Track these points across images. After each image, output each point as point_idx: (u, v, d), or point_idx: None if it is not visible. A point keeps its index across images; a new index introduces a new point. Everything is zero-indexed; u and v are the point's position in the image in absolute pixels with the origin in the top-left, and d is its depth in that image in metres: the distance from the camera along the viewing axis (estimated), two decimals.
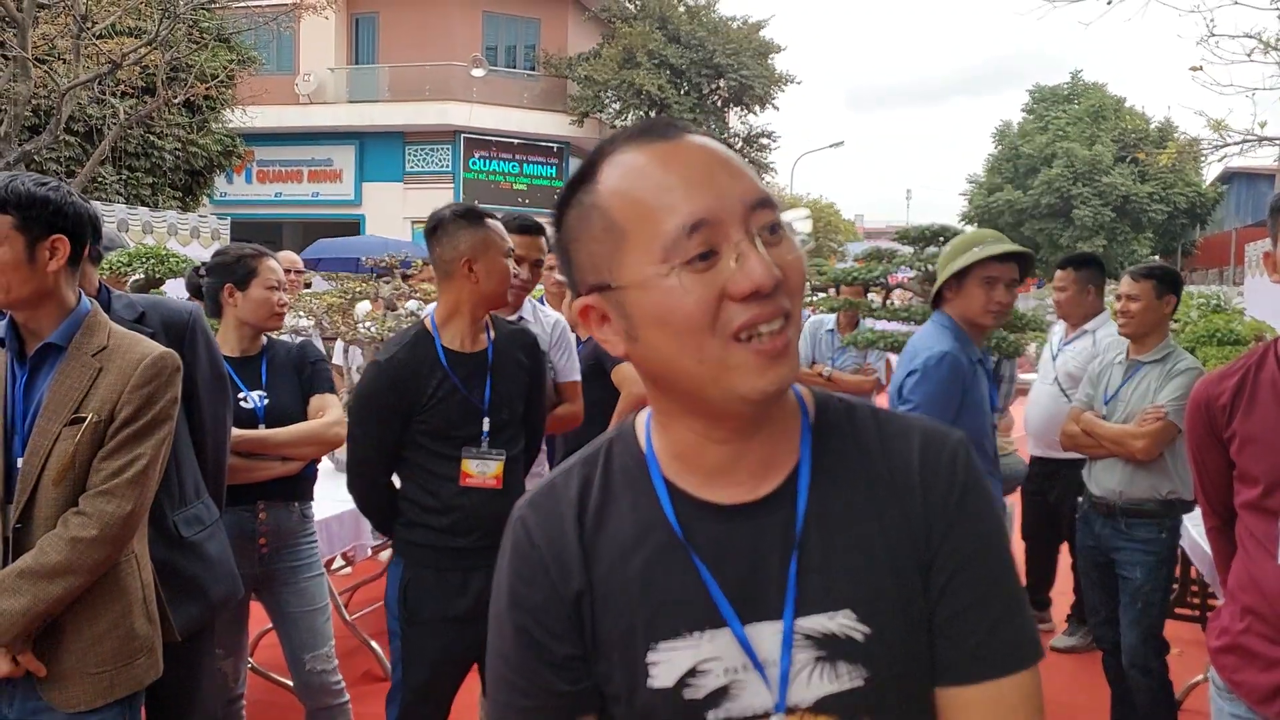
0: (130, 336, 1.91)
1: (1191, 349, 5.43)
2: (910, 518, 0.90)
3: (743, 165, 0.87)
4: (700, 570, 0.89)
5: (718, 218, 0.82)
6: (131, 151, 14.39)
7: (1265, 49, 7.05)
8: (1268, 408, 1.86)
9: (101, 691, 1.81)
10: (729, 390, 0.83)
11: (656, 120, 0.90)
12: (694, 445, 0.91)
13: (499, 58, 24.98)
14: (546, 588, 0.93)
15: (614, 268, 0.86)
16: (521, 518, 0.97)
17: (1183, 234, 31.79)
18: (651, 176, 0.85)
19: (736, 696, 0.88)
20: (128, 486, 1.80)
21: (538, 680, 0.93)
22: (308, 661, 2.87)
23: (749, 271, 0.81)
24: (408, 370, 2.42)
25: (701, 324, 0.82)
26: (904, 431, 0.94)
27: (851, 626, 0.88)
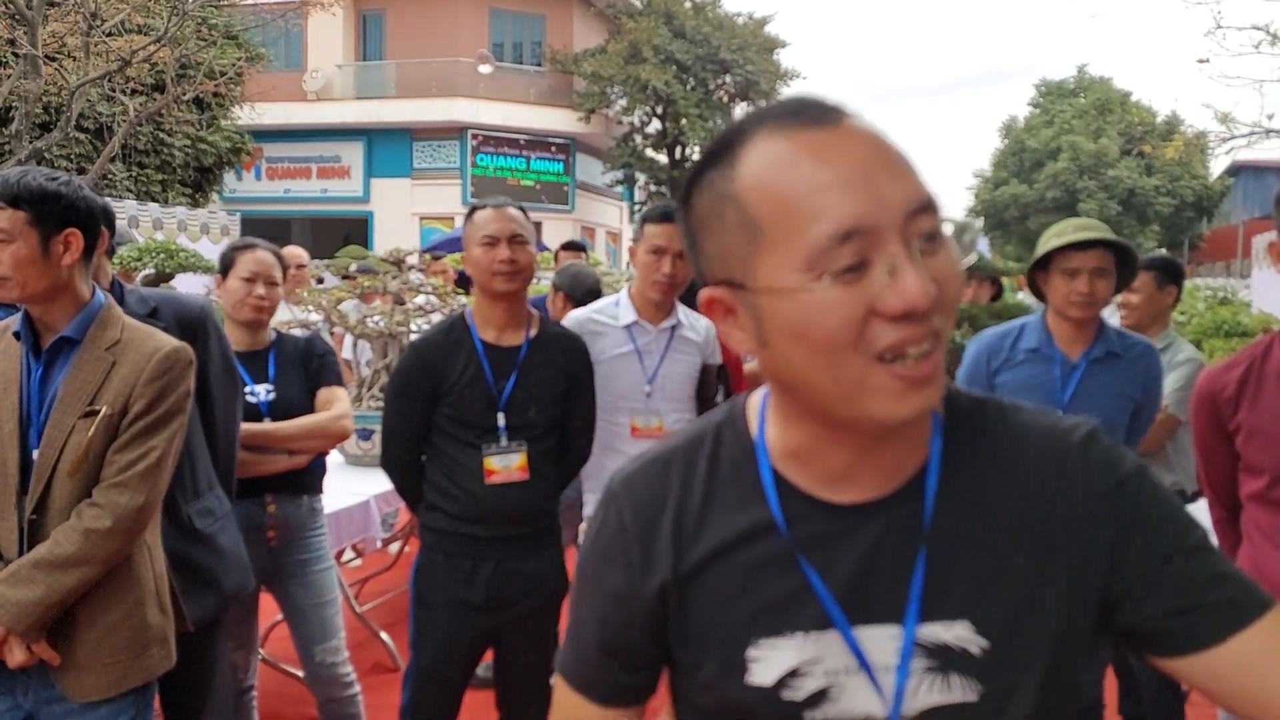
0: (143, 330, 1.93)
1: (1198, 342, 5.43)
2: (1053, 527, 0.83)
3: (905, 160, 0.77)
4: (807, 572, 0.84)
5: (873, 225, 0.73)
6: (141, 149, 14.46)
7: (1273, 41, 7.02)
8: (1273, 399, 1.86)
9: (115, 681, 1.83)
10: (863, 412, 0.76)
11: (810, 101, 0.79)
12: (813, 447, 0.85)
13: (505, 54, 24.99)
14: (628, 576, 0.90)
15: (748, 267, 0.78)
16: (615, 497, 0.93)
17: (1189, 227, 31.66)
18: (800, 172, 0.75)
19: (837, 699, 0.84)
20: (140, 479, 1.81)
21: (598, 656, 0.94)
22: (317, 654, 2.89)
23: (903, 289, 0.72)
24: (438, 352, 2.47)
25: (843, 343, 0.74)
26: (1036, 428, 0.87)
27: (968, 639, 0.82)
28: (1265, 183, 27.20)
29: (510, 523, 2.47)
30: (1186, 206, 30.55)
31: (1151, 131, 24.13)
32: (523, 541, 2.51)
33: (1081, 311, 2.52)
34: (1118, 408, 2.59)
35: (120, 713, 1.85)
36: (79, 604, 1.81)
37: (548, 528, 2.58)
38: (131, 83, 12.15)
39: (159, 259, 5.09)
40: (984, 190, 33.91)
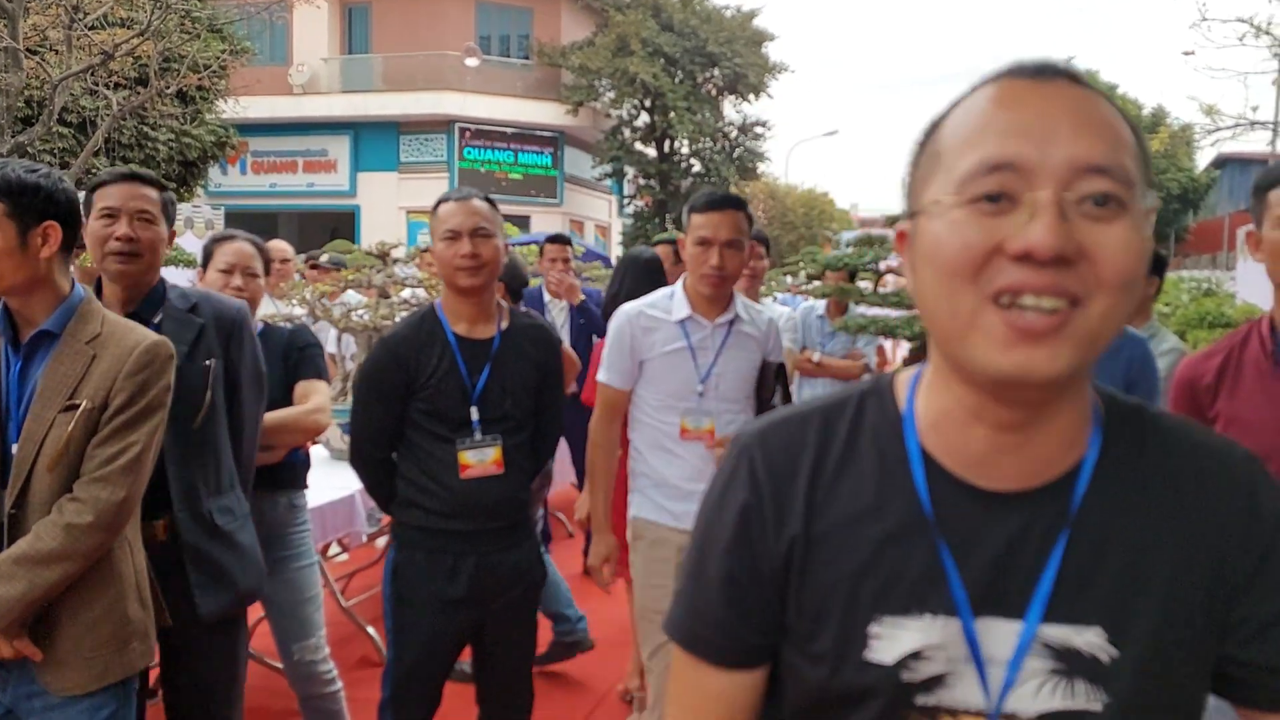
0: (124, 324, 1.91)
1: (1182, 333, 5.46)
2: (1203, 545, 0.82)
3: (1105, 127, 0.75)
4: (943, 553, 0.82)
5: (1027, 165, 0.73)
6: (125, 143, 14.35)
7: (1257, 33, 7.05)
8: (1252, 387, 1.87)
9: (96, 676, 1.82)
10: (969, 357, 0.75)
11: (1042, 60, 0.80)
12: (960, 421, 0.82)
13: (492, 47, 24.91)
14: (758, 530, 0.88)
15: (922, 190, 0.81)
16: (748, 448, 0.91)
17: (1175, 220, 31.79)
18: (988, 109, 0.77)
19: (951, 686, 0.82)
20: (121, 473, 1.80)
21: (720, 615, 0.91)
22: (296, 651, 2.87)
23: (1031, 229, 0.71)
24: (410, 347, 2.43)
25: (963, 270, 0.74)
26: (1203, 445, 0.85)
27: (1099, 646, 0.80)
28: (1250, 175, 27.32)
29: (488, 516, 2.46)
30: (1172, 199, 30.69)
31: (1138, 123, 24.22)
32: (502, 534, 2.50)
33: None
34: None
35: (101, 707, 1.84)
36: (60, 599, 1.80)
37: (523, 519, 2.58)
38: (114, 76, 12.05)
39: None
40: None
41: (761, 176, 29.98)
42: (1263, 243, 1.83)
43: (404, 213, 23.51)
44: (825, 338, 4.81)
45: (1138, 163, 0.76)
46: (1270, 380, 1.85)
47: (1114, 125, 0.76)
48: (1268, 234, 1.81)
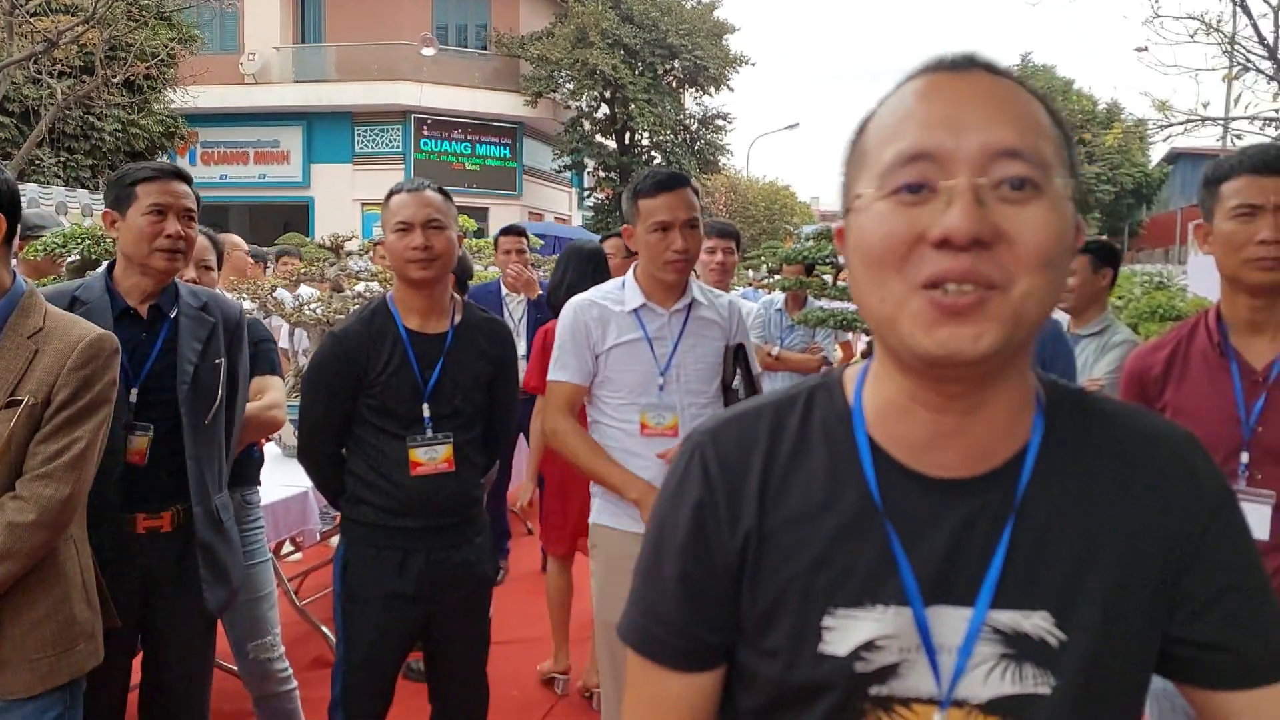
0: (67, 318, 1.86)
1: (1134, 325, 5.55)
2: (1149, 526, 0.83)
3: (1018, 114, 0.78)
4: (893, 542, 0.83)
5: (942, 154, 0.75)
6: (70, 133, 14.02)
7: (1208, 30, 7.19)
8: (1198, 378, 1.89)
9: (41, 678, 1.78)
10: (899, 340, 0.78)
11: (962, 53, 0.82)
12: (903, 408, 0.84)
13: (450, 37, 24.67)
14: (712, 527, 0.89)
15: (851, 188, 0.83)
16: (700, 446, 0.92)
17: (1130, 214, 32.41)
18: (905, 104, 0.80)
19: (904, 676, 0.83)
20: (65, 470, 1.76)
21: (675, 617, 0.90)
22: (250, 650, 2.83)
23: (948, 216, 0.74)
24: (360, 341, 2.39)
25: (889, 259, 0.76)
26: (1137, 430, 0.87)
27: (1047, 630, 0.81)
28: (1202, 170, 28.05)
29: (439, 513, 2.44)
30: (1126, 194, 31.28)
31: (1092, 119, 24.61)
32: (452, 531, 2.47)
33: None
34: None
35: (47, 709, 1.80)
36: (3, 599, 1.76)
37: (475, 515, 2.55)
38: (58, 64, 11.77)
39: (85, 245, 4.90)
40: None
41: (723, 170, 30.04)
42: (1213, 235, 1.85)
43: (359, 205, 23.23)
44: (784, 331, 4.81)
45: (1055, 146, 0.79)
46: (1217, 371, 1.87)
47: (1028, 111, 0.79)
48: (1219, 226, 1.82)
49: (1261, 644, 0.83)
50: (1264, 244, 1.75)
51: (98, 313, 2.15)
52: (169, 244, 2.23)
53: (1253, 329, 1.85)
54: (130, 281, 2.26)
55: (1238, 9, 7.20)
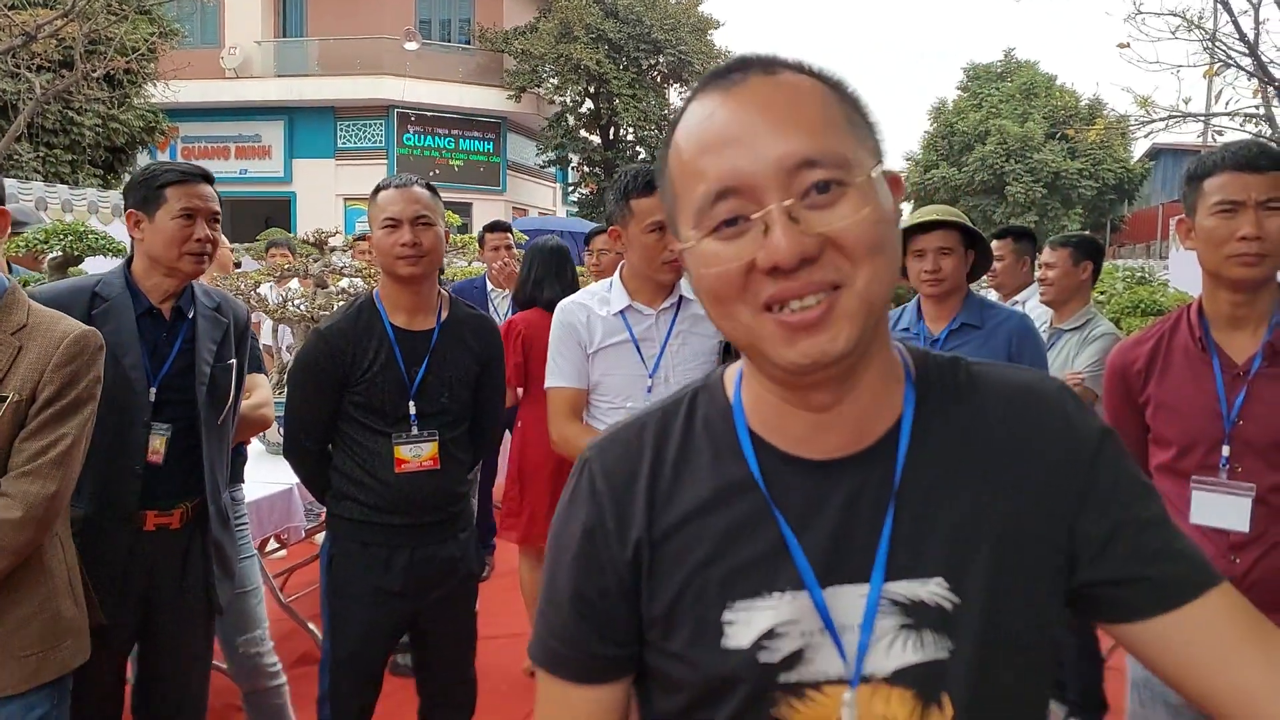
0: (51, 314, 1.85)
1: (1116, 320, 5.59)
2: (1031, 479, 0.85)
3: (803, 115, 0.78)
4: (783, 529, 0.84)
5: (747, 183, 0.76)
6: (49, 128, 13.87)
7: (1189, 26, 7.23)
8: (1180, 373, 1.92)
9: (28, 675, 1.78)
10: (767, 359, 0.79)
11: (737, 59, 0.82)
12: (776, 407, 0.86)
13: (433, 31, 24.56)
14: (602, 541, 0.89)
15: (675, 228, 0.85)
16: (588, 461, 0.93)
17: (1112, 210, 32.53)
18: (696, 134, 0.80)
19: (811, 660, 0.83)
20: (51, 467, 1.75)
21: (575, 633, 0.91)
22: (240, 645, 2.83)
23: (770, 247, 0.75)
24: (347, 338, 2.39)
25: (728, 292, 0.78)
26: (1012, 384, 0.89)
27: (942, 595, 0.82)
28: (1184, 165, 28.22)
29: (425, 510, 2.45)
30: (1109, 189, 31.38)
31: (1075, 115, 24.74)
32: (438, 527, 2.48)
33: (932, 289, 2.75)
34: None
35: (34, 707, 1.80)
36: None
37: (461, 511, 2.55)
38: (38, 59, 11.63)
39: (67, 241, 4.87)
40: (915, 173, 34.34)
41: None
42: (1196, 230, 1.87)
43: (341, 200, 23.12)
44: None
45: (850, 133, 0.79)
46: (1198, 365, 1.89)
47: (813, 108, 0.79)
48: (1201, 222, 1.85)
49: (1169, 567, 0.84)
50: (1244, 240, 1.78)
51: (119, 310, 2.17)
52: (198, 248, 2.26)
53: (1234, 324, 1.88)
54: (153, 281, 2.27)
55: (1218, 6, 7.25)
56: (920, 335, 2.83)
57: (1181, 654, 0.83)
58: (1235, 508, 1.82)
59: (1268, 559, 1.80)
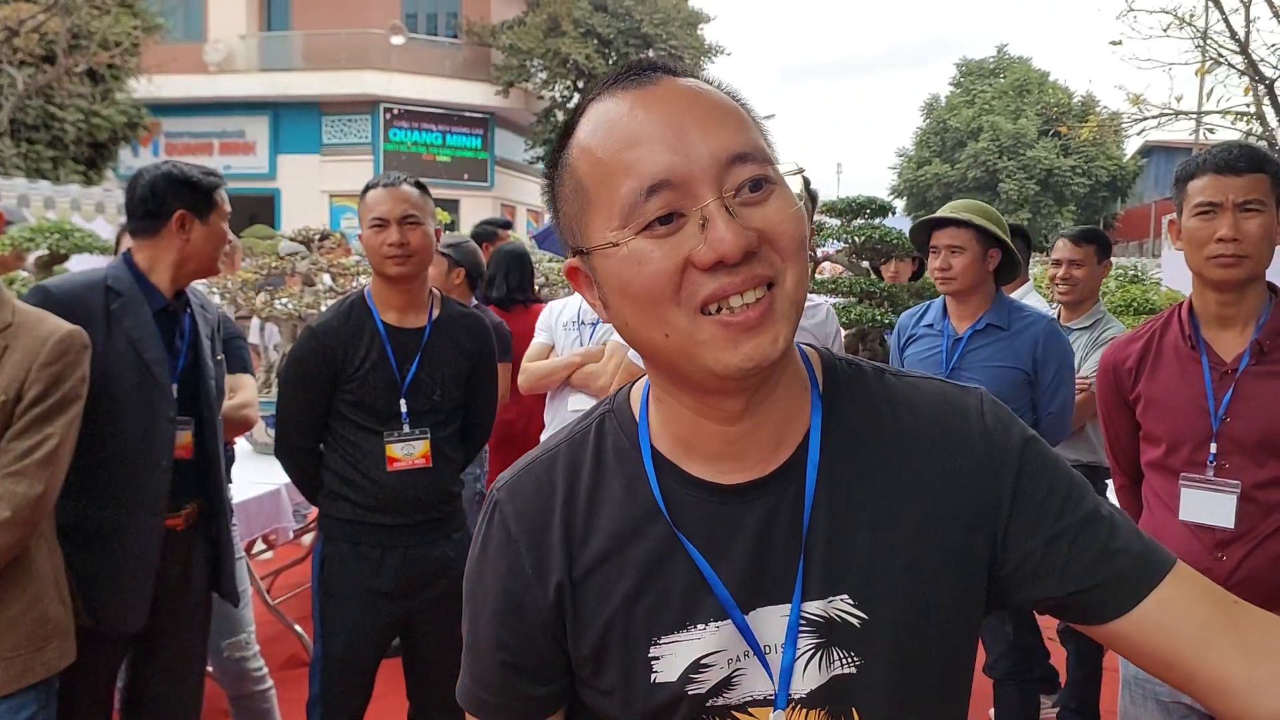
0: (36, 313, 1.85)
1: None
2: (950, 490, 0.83)
3: (727, 113, 0.78)
4: (698, 561, 0.83)
5: (682, 178, 0.74)
6: (30, 123, 13.77)
7: (1180, 24, 7.26)
8: (1171, 370, 1.94)
9: (14, 676, 1.78)
10: (701, 367, 0.76)
11: (641, 61, 0.82)
12: (692, 426, 0.84)
13: (419, 25, 24.47)
14: (521, 587, 0.87)
15: (583, 231, 0.80)
16: (498, 504, 0.90)
17: (1104, 207, 32.73)
18: (615, 131, 0.77)
19: (737, 684, 0.83)
20: (38, 467, 1.74)
21: (500, 680, 0.89)
22: (226, 649, 2.80)
23: (714, 240, 0.73)
24: (338, 336, 2.39)
25: (662, 295, 0.75)
26: (925, 393, 0.87)
27: (848, 611, 0.82)
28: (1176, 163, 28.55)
29: (416, 509, 2.44)
30: (1101, 186, 31.58)
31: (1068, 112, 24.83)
32: (430, 526, 2.47)
33: (942, 286, 2.74)
34: (999, 379, 2.70)
35: (21, 708, 1.80)
36: None
37: (453, 511, 2.55)
38: (19, 54, 11.54)
39: (53, 239, 4.81)
40: (907, 170, 34.50)
41: None
42: (1182, 231, 1.90)
43: (326, 196, 23.01)
44: None
45: (762, 133, 0.80)
46: (1188, 363, 1.92)
47: (732, 108, 0.79)
48: (1185, 223, 1.88)
49: (1114, 567, 0.82)
50: (1221, 241, 1.81)
51: (134, 306, 2.16)
52: (229, 249, 2.39)
53: (1222, 322, 1.91)
54: (168, 278, 2.25)
55: (1209, 4, 7.28)
56: (944, 333, 2.81)
57: (1149, 646, 0.82)
58: (1221, 504, 1.85)
59: (1253, 556, 1.82)
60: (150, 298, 2.20)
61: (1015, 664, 2.85)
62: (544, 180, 0.87)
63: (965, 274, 2.70)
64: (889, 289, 4.93)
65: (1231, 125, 7.62)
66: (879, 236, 4.96)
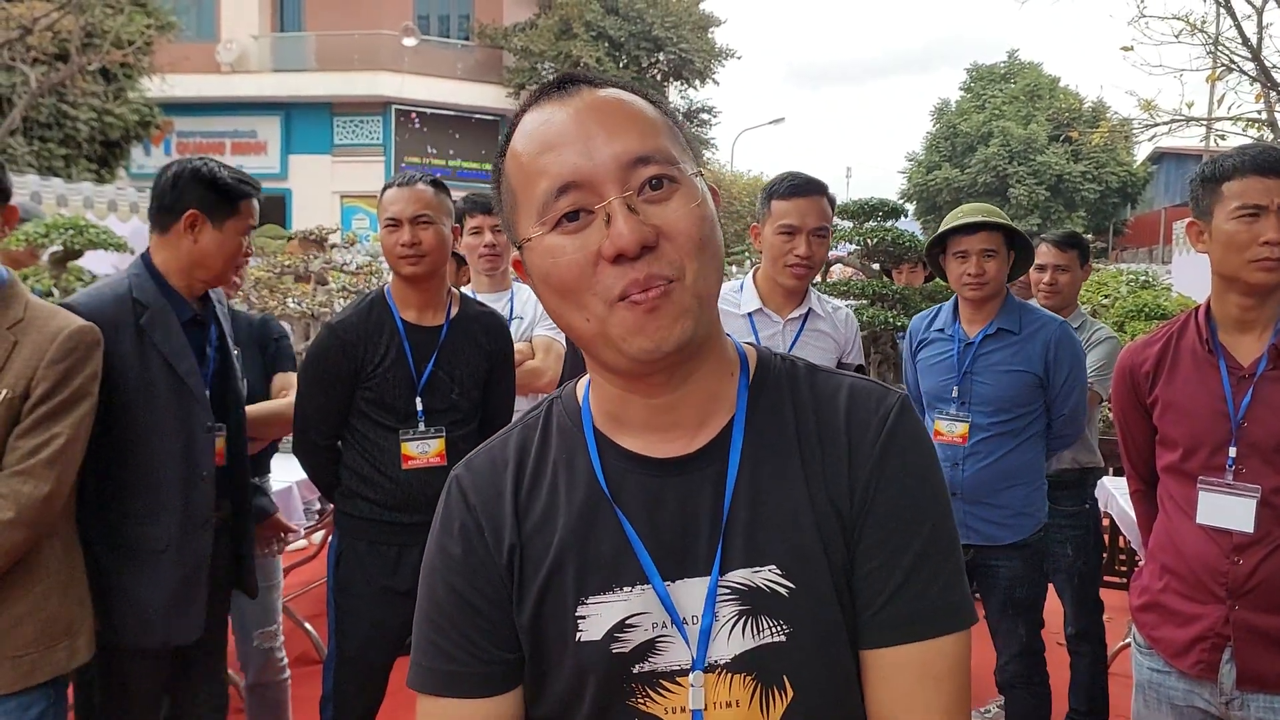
0: (47, 309, 1.84)
1: (1120, 324, 5.58)
2: (835, 475, 0.89)
3: (634, 120, 0.86)
4: (625, 526, 0.89)
5: (588, 178, 0.83)
6: (43, 121, 13.81)
7: (1192, 30, 7.22)
8: (1188, 374, 1.94)
9: (23, 675, 1.77)
10: (615, 349, 0.84)
11: (562, 75, 0.90)
12: (621, 400, 0.92)
13: (431, 27, 24.51)
14: (481, 548, 0.93)
15: (515, 227, 0.89)
16: (456, 477, 0.98)
17: (1114, 213, 32.61)
18: (534, 138, 0.86)
19: (662, 651, 0.88)
20: (45, 466, 1.73)
21: (467, 644, 0.92)
22: (257, 637, 2.85)
23: (614, 234, 0.81)
24: (358, 333, 2.40)
25: (577, 284, 0.83)
26: (836, 388, 0.94)
27: (776, 581, 0.87)
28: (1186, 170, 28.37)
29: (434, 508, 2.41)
30: (1112, 192, 31.45)
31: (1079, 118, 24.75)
32: None
33: (975, 291, 2.70)
34: (1011, 382, 2.70)
35: (30, 705, 1.80)
36: None
37: None
38: (33, 51, 11.59)
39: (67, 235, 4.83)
40: (917, 174, 34.41)
41: (707, 164, 30.04)
42: (1213, 233, 1.86)
43: (338, 197, 23.05)
44: None
45: (672, 137, 0.88)
46: (1205, 367, 1.91)
47: (640, 114, 0.87)
48: (1221, 225, 1.84)
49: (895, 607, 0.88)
50: (1268, 244, 1.78)
51: (162, 318, 2.10)
52: (245, 262, 2.34)
53: (1241, 327, 1.90)
54: (185, 284, 2.19)
55: (1221, 10, 7.24)
56: (955, 337, 2.79)
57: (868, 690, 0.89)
58: (1240, 508, 1.84)
59: (1270, 560, 1.81)
60: (178, 308, 2.15)
61: (1026, 667, 2.82)
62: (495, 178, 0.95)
63: (998, 278, 2.69)
64: (901, 291, 4.93)
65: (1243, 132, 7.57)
66: (891, 239, 4.96)
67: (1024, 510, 2.75)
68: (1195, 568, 1.88)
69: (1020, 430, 2.73)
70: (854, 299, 4.87)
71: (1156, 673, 1.98)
